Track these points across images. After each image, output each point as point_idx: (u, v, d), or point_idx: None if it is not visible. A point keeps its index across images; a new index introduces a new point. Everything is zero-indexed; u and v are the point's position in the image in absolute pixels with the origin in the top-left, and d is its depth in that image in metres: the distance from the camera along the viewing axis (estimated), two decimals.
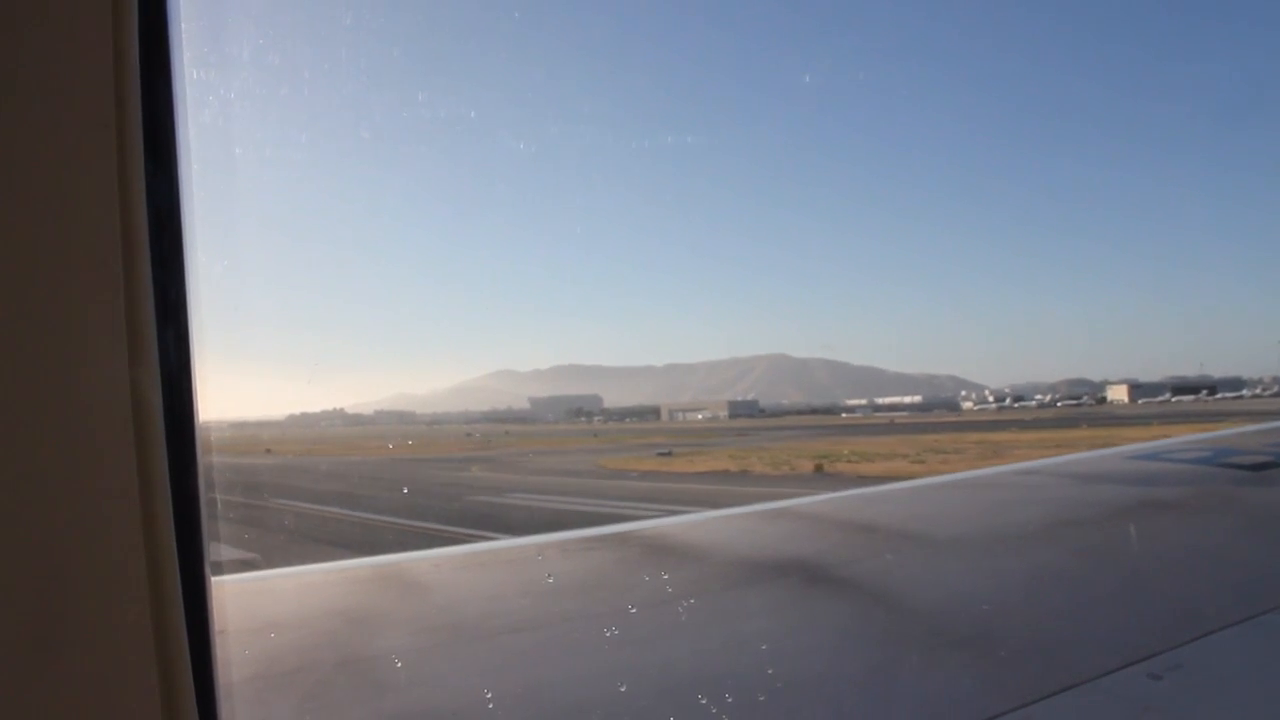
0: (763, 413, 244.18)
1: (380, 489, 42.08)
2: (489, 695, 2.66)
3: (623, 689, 2.69)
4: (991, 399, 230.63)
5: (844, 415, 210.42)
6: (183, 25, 1.06)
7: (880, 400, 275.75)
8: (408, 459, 71.63)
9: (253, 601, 3.68)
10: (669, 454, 66.41)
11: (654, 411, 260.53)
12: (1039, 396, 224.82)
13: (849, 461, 53.16)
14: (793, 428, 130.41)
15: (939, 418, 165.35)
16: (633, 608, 3.52)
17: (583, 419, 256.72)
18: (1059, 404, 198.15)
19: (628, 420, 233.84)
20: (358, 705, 2.61)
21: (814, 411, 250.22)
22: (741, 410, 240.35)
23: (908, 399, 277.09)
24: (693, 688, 2.67)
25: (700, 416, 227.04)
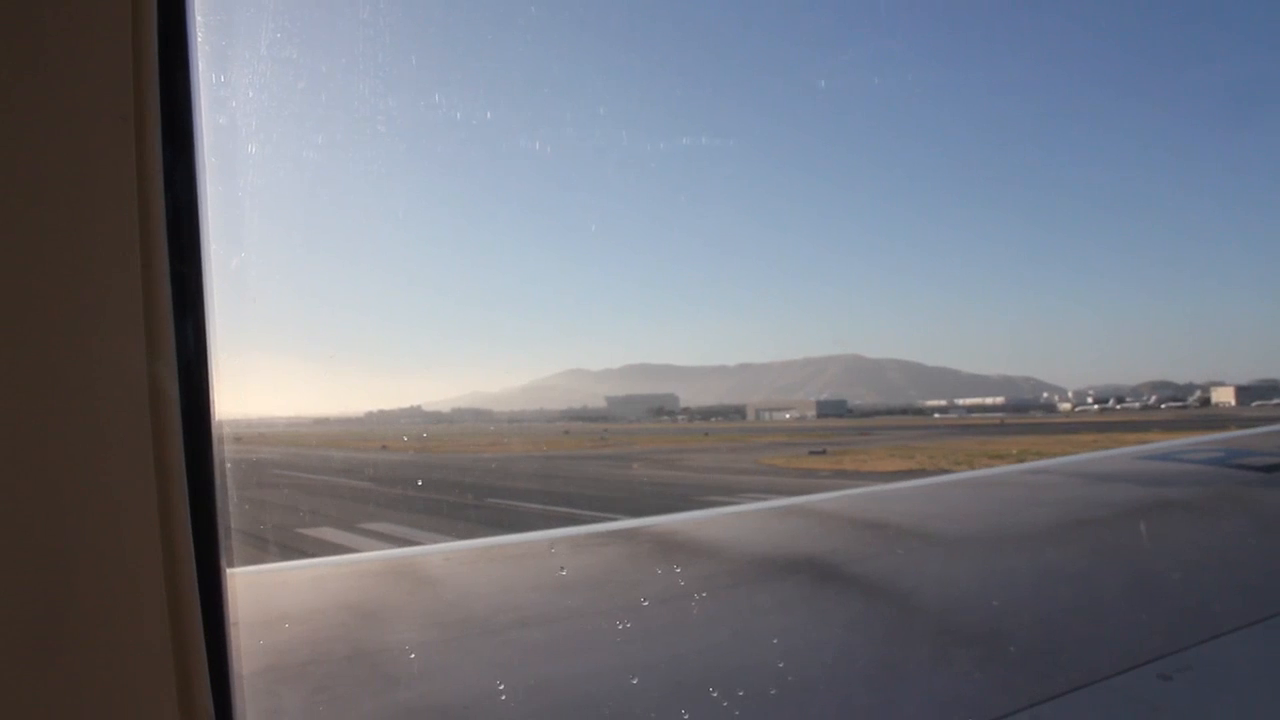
0: (850, 412, 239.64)
1: (589, 488, 40.45)
2: (500, 689, 2.68)
3: (634, 683, 2.71)
4: (1091, 400, 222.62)
5: (936, 415, 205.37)
6: (201, 19, 1.07)
7: (961, 401, 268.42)
8: (551, 455, 70.25)
9: (265, 594, 3.71)
10: (823, 452, 63.77)
11: (737, 411, 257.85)
12: (1126, 399, 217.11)
13: (1038, 460, 49.57)
14: (906, 427, 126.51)
15: (1046, 419, 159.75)
16: (645, 601, 3.53)
17: (665, 417, 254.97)
18: (1163, 406, 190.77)
19: (713, 419, 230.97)
20: (369, 698, 2.65)
21: (904, 412, 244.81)
22: (829, 410, 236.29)
23: (989, 400, 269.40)
24: (703, 683, 2.68)
25: (788, 416, 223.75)
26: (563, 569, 4.06)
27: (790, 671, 2.79)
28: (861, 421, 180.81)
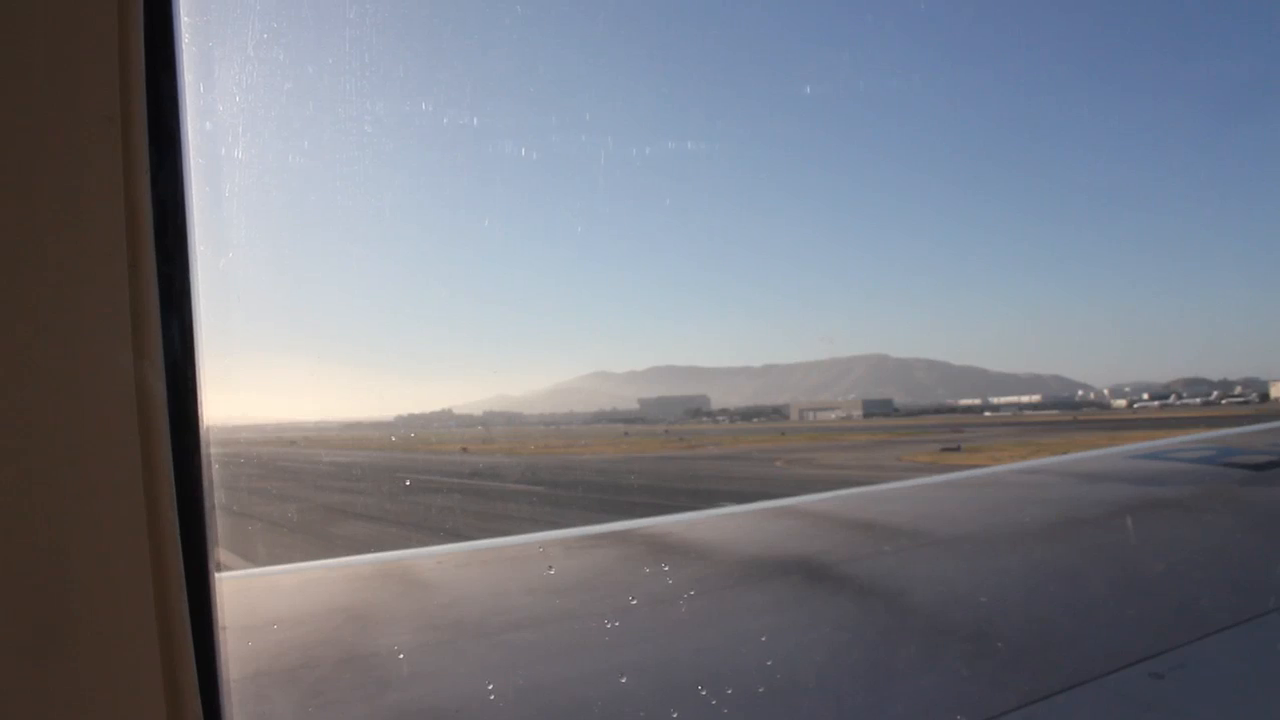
0: (897, 412, 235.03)
1: (776, 488, 36.18)
2: (491, 692, 2.68)
3: (624, 684, 2.71)
4: (1147, 396, 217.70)
5: (988, 414, 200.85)
6: (187, 20, 1.07)
7: (997, 400, 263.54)
8: (666, 457, 66.60)
9: (256, 598, 3.64)
10: (958, 449, 59.59)
11: (776, 411, 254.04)
12: (1184, 396, 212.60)
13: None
14: (980, 425, 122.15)
15: (1116, 415, 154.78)
16: (634, 600, 3.56)
17: (705, 419, 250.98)
18: (1223, 401, 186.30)
19: (754, 420, 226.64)
20: (361, 702, 2.63)
21: (951, 410, 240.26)
22: (876, 409, 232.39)
23: (1025, 398, 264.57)
24: (696, 685, 2.68)
25: (834, 415, 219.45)
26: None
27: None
28: (915, 420, 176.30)
